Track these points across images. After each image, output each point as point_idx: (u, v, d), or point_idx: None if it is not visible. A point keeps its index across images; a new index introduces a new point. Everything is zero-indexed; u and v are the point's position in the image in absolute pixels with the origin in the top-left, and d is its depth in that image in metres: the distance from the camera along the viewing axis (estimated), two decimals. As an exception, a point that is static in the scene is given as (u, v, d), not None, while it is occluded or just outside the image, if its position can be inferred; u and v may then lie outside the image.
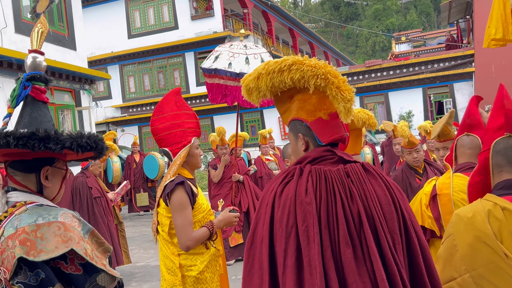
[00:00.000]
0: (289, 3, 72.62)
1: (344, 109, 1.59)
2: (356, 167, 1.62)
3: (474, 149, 2.68)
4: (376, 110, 22.02)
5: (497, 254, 1.66)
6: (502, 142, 1.85)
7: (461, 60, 20.78)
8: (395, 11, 63.03)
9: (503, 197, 1.75)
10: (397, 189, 1.62)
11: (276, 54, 27.40)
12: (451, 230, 1.84)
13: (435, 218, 2.70)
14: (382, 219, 1.51)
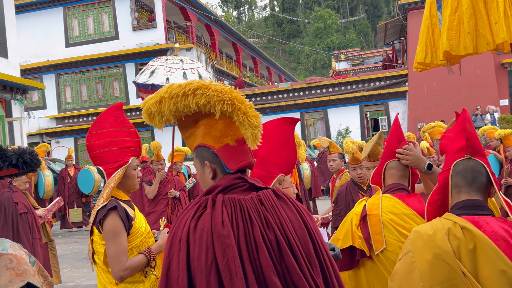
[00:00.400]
0: (233, 17, 73.28)
1: (251, 135, 1.57)
2: (268, 193, 1.60)
3: (403, 171, 2.79)
4: (316, 126, 22.54)
5: (455, 272, 1.69)
6: (462, 164, 1.91)
7: (396, 80, 21.74)
8: (335, 30, 65.16)
9: (462, 217, 1.79)
10: (306, 212, 1.63)
11: (219, 67, 27.46)
12: (410, 247, 1.84)
13: (365, 238, 2.73)
14: (298, 244, 1.51)
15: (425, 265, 1.74)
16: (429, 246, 1.76)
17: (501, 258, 1.65)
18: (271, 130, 2.41)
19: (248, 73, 34.71)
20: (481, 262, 1.68)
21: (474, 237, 1.71)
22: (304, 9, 71.40)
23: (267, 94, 23.23)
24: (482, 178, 1.87)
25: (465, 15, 3.19)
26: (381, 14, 68.28)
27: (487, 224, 1.74)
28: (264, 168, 2.36)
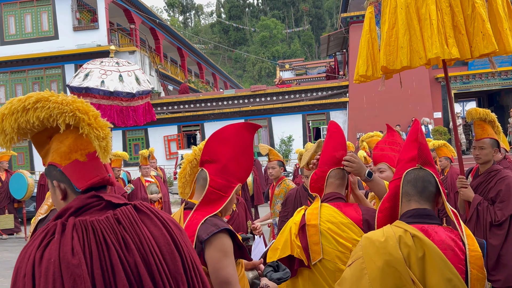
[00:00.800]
0: (178, 22, 72.62)
1: (99, 147, 1.45)
2: (126, 210, 1.44)
3: (341, 180, 2.84)
4: (260, 133, 22.71)
5: (404, 279, 1.71)
6: (413, 173, 1.95)
7: (337, 90, 22.36)
8: (281, 40, 66.17)
9: (412, 225, 1.83)
10: (174, 224, 1.50)
11: (163, 72, 27.08)
12: (361, 253, 1.85)
13: (304, 247, 2.73)
14: (163, 263, 1.38)
15: (376, 271, 1.76)
16: (380, 253, 1.77)
17: (448, 266, 1.70)
18: (233, 135, 2.34)
19: (193, 79, 34.48)
20: (429, 270, 1.72)
21: (424, 245, 1.74)
22: (251, 17, 72.02)
23: (212, 101, 23.17)
24: (431, 188, 1.92)
25: (400, 31, 3.34)
26: (325, 26, 70.11)
27: (436, 233, 1.79)
28: (224, 177, 2.27)
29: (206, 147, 2.32)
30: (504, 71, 20.68)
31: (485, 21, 3.14)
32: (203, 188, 2.26)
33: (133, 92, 5.47)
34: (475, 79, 21.09)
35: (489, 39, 3.12)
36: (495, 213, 3.68)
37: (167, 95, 25.68)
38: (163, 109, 23.18)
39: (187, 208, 2.26)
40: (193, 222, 2.13)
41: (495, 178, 3.80)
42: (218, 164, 2.25)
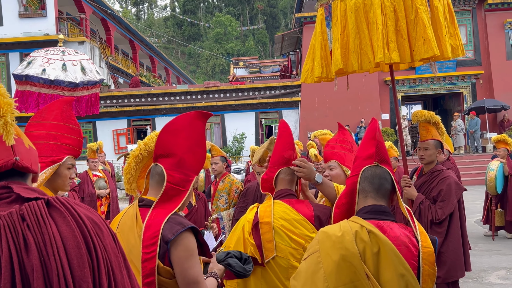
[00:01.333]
0: (131, 14, 71.01)
1: (1, 124, 1.30)
2: (35, 206, 1.28)
3: (291, 176, 2.88)
4: (212, 130, 22.62)
5: (359, 274, 1.73)
6: (370, 170, 1.97)
7: (290, 90, 22.62)
8: (235, 37, 66.09)
9: (368, 221, 1.85)
10: (94, 224, 1.34)
11: (114, 64, 26.41)
12: (317, 247, 1.85)
13: (257, 245, 2.74)
14: (65, 269, 1.23)
15: (331, 265, 1.77)
16: (337, 247, 1.79)
17: (401, 262, 1.74)
18: (186, 126, 2.22)
19: (145, 72, 33.82)
20: (383, 266, 1.75)
21: (379, 241, 1.77)
22: (205, 13, 71.48)
23: (164, 95, 22.83)
24: (387, 185, 1.96)
25: (351, 34, 3.39)
26: (279, 25, 70.65)
27: (391, 229, 1.83)
28: (181, 171, 2.15)
29: (159, 140, 2.21)
30: (449, 76, 21.63)
31: (426, 26, 3.23)
32: (160, 184, 2.14)
33: (76, 81, 5.30)
34: (421, 83, 21.93)
35: (429, 44, 3.23)
36: (436, 212, 3.83)
37: (117, 88, 25.06)
38: (113, 102, 22.61)
39: (144, 206, 2.14)
40: (155, 221, 2.01)
41: (438, 178, 3.96)
42: (174, 158, 2.15)
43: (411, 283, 1.73)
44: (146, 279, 1.94)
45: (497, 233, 8.85)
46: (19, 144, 1.37)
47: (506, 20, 21.60)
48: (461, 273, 3.85)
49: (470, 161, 18.51)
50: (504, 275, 6.39)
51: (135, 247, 2.00)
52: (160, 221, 2.00)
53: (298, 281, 1.85)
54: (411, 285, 1.73)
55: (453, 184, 3.88)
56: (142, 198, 2.20)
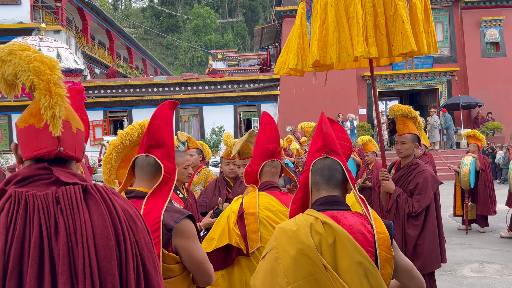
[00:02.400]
0: (108, 4, 69.85)
1: (45, 116, 1.28)
2: (72, 190, 1.28)
3: (275, 168, 2.92)
4: (190, 122, 22.47)
5: (317, 266, 1.74)
6: (320, 162, 1.97)
7: (269, 83, 22.61)
8: (214, 29, 65.70)
9: (322, 212, 1.85)
10: (129, 217, 1.33)
11: (90, 54, 25.95)
12: (274, 243, 1.86)
13: (242, 236, 2.76)
14: (92, 258, 1.22)
15: (289, 260, 1.77)
16: (293, 242, 1.79)
17: (358, 250, 1.76)
18: (167, 116, 2.28)
19: (122, 63, 33.35)
20: (340, 255, 1.76)
21: (334, 231, 1.78)
22: (184, 4, 70.78)
23: (141, 87, 22.55)
24: (338, 175, 1.95)
25: (330, 28, 3.42)
26: (258, 18, 70.51)
27: (345, 218, 1.84)
28: (171, 160, 2.21)
29: (150, 131, 2.22)
30: (425, 72, 21.95)
31: (405, 22, 3.28)
32: (152, 175, 2.18)
33: None
34: (398, 79, 22.20)
35: (407, 40, 3.27)
36: (413, 205, 3.88)
37: (93, 79, 24.65)
38: (89, 92, 22.22)
39: (134, 197, 2.13)
40: (153, 210, 2.05)
41: (415, 172, 4.00)
42: (164, 147, 2.19)
43: (369, 269, 1.75)
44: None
45: (470, 227, 9.05)
46: (66, 131, 1.35)
47: (481, 18, 22.01)
48: (437, 264, 3.92)
49: (444, 156, 18.84)
50: (476, 268, 6.53)
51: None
52: (158, 210, 2.05)
53: (258, 280, 1.86)
54: (369, 272, 1.75)
55: (430, 177, 3.93)
56: (131, 189, 2.19)
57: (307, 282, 1.74)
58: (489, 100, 21.26)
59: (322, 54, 3.47)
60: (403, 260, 1.92)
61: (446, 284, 5.80)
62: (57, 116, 1.28)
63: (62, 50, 5.20)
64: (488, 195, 8.68)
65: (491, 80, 21.67)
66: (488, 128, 20.21)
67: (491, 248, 7.61)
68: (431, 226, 3.90)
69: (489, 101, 21.20)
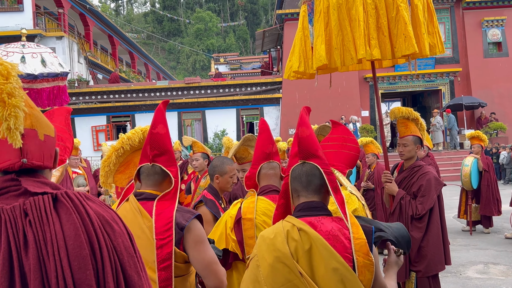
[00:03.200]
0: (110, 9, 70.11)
1: (5, 128, 1.21)
2: (40, 201, 1.22)
3: (274, 170, 2.92)
4: (193, 126, 22.50)
5: (293, 273, 1.74)
6: (297, 169, 1.94)
7: (271, 86, 22.62)
8: (216, 33, 65.85)
9: (300, 218, 1.84)
10: (105, 222, 1.26)
11: (93, 59, 26.04)
12: (255, 251, 1.88)
13: (239, 241, 2.77)
14: (66, 270, 1.15)
15: (267, 268, 1.79)
16: (270, 250, 1.81)
17: (334, 256, 1.74)
18: (164, 119, 2.31)
19: (125, 68, 33.43)
20: (316, 262, 1.75)
21: (310, 237, 1.77)
22: (186, 8, 71.01)
23: (144, 91, 22.60)
24: (316, 180, 1.91)
25: (334, 31, 3.42)
26: (260, 22, 70.63)
27: (322, 224, 1.81)
28: (174, 164, 2.26)
29: (153, 140, 2.24)
30: (428, 73, 21.92)
31: (407, 23, 3.29)
32: (159, 182, 2.23)
33: (34, 73, 5.29)
34: (401, 80, 22.18)
35: (410, 41, 3.28)
36: (416, 207, 3.87)
37: (96, 84, 24.72)
38: (92, 98, 22.30)
39: (144, 199, 2.20)
40: (165, 211, 2.13)
41: (418, 174, 4.00)
42: (167, 154, 2.23)
43: (345, 276, 1.73)
44: (162, 264, 2.05)
45: (474, 228, 9.01)
46: (31, 139, 1.28)
47: (483, 18, 21.98)
48: (441, 266, 3.91)
49: (448, 157, 18.82)
50: (481, 270, 6.50)
51: (141, 238, 2.08)
52: (169, 210, 2.13)
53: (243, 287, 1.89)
54: (346, 278, 1.72)
55: (433, 179, 3.92)
56: (140, 192, 2.24)
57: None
58: (492, 100, 21.20)
59: (328, 58, 3.48)
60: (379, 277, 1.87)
61: (450, 286, 5.79)
62: (12, 128, 1.21)
63: (46, 55, 5.28)
64: (491, 195, 8.65)
65: (493, 80, 21.62)
66: (491, 128, 20.14)
67: (496, 249, 7.57)
68: (435, 228, 3.89)
69: (492, 101, 21.14)
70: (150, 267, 2.05)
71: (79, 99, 22.25)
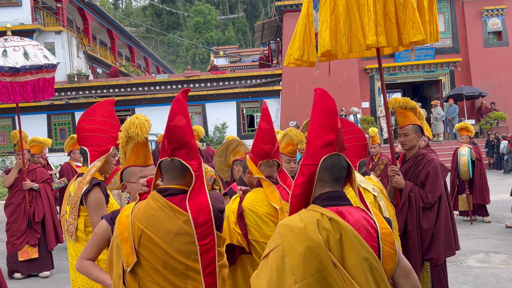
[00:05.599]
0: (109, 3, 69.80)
1: None
2: None
3: (271, 167, 2.94)
4: (193, 119, 22.48)
5: (326, 263, 1.72)
6: (330, 160, 1.89)
7: (271, 79, 22.58)
8: (215, 26, 65.52)
9: (327, 208, 1.82)
10: None
11: (92, 54, 25.98)
12: (279, 240, 1.80)
13: (244, 234, 2.76)
14: None
15: (298, 258, 1.73)
16: (301, 239, 1.74)
17: (364, 246, 1.74)
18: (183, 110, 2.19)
19: (124, 62, 33.36)
20: (347, 251, 1.74)
21: (340, 227, 1.75)
22: (184, 2, 70.63)
23: (143, 85, 22.57)
24: (344, 172, 1.91)
25: (341, 17, 3.31)
26: (259, 14, 70.28)
27: (350, 214, 1.81)
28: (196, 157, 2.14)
29: (170, 135, 2.12)
30: (428, 64, 21.86)
31: (415, 10, 3.22)
32: (181, 176, 2.13)
33: (16, 66, 5.28)
34: (401, 71, 22.12)
35: (418, 28, 3.22)
36: (426, 196, 3.83)
37: (95, 78, 24.68)
38: (91, 92, 22.28)
39: (170, 195, 2.11)
40: (199, 200, 2.06)
41: (423, 162, 3.96)
42: (187, 147, 2.11)
43: (374, 265, 1.74)
44: (207, 269, 2.03)
45: (475, 217, 9.05)
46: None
47: (483, 8, 21.88)
48: (451, 252, 3.95)
49: (449, 147, 18.80)
50: (482, 258, 6.53)
51: (180, 233, 2.03)
52: (204, 203, 2.07)
53: (262, 279, 1.80)
54: (374, 267, 1.73)
55: (439, 166, 3.91)
56: (165, 188, 2.14)
57: (316, 280, 1.71)
58: (492, 90, 21.16)
59: (334, 44, 3.38)
60: (403, 259, 1.89)
61: (452, 275, 5.81)
62: None
63: (29, 47, 5.32)
64: (483, 184, 8.84)
65: (494, 70, 21.57)
66: (492, 118, 20.13)
67: (497, 238, 7.60)
68: (445, 214, 3.90)
69: (492, 91, 21.10)
70: (194, 258, 2.02)
71: (79, 93, 22.22)
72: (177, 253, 2.02)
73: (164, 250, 2.03)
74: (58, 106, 21.81)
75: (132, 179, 2.55)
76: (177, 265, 2.03)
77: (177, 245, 2.02)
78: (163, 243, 2.02)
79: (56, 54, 20.93)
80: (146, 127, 2.62)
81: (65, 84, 21.93)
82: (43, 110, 21.77)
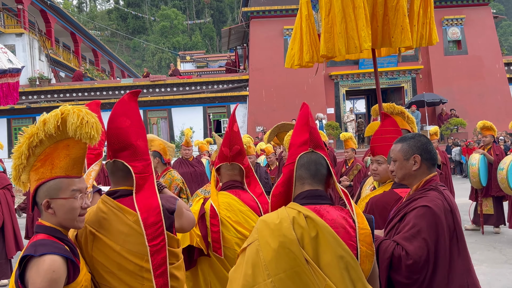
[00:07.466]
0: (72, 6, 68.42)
1: None
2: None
3: (231, 171, 2.95)
4: (159, 124, 22.26)
5: (298, 260, 1.74)
6: (306, 157, 1.95)
7: (238, 84, 22.61)
8: (181, 31, 65.13)
9: (305, 206, 1.85)
10: None
11: (55, 57, 25.37)
12: (256, 235, 1.85)
13: (203, 236, 2.76)
14: None
15: (271, 253, 1.76)
16: (275, 235, 1.78)
17: (340, 244, 1.77)
18: (127, 111, 2.16)
19: (88, 66, 32.72)
20: (322, 249, 1.77)
21: (316, 225, 1.78)
22: (150, 6, 69.96)
23: (108, 89, 22.19)
24: (323, 170, 1.95)
25: (337, 18, 3.31)
26: (226, 20, 70.34)
27: (328, 212, 1.84)
28: (141, 158, 2.14)
29: (111, 135, 2.12)
30: (390, 71, 22.39)
31: (405, 15, 3.26)
32: (125, 178, 2.11)
33: None
34: (365, 78, 22.56)
35: (406, 34, 3.26)
36: None
37: (58, 82, 24.10)
38: (54, 96, 21.74)
39: (120, 196, 2.09)
40: (148, 201, 2.08)
41: None
42: (130, 148, 2.10)
43: (350, 263, 1.76)
44: (158, 270, 2.02)
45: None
46: None
47: (443, 17, 22.62)
48: None
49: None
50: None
51: (131, 234, 2.03)
52: (153, 200, 2.08)
53: (238, 273, 1.84)
54: (350, 266, 1.76)
55: None
56: (114, 190, 2.12)
57: (288, 276, 1.74)
58: (452, 97, 21.85)
59: (330, 47, 3.37)
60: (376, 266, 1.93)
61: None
62: None
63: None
64: (450, 188, 8.95)
65: (454, 78, 22.29)
66: (452, 124, 20.77)
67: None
68: None
69: (452, 98, 21.79)
70: (147, 259, 2.02)
71: (41, 97, 21.65)
72: (130, 254, 2.02)
73: (117, 252, 2.02)
74: (19, 110, 21.19)
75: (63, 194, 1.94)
76: (131, 267, 2.03)
77: (129, 246, 2.02)
78: (116, 245, 2.01)
79: (17, 57, 20.31)
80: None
81: (26, 87, 21.32)
82: (3, 114, 21.11)
